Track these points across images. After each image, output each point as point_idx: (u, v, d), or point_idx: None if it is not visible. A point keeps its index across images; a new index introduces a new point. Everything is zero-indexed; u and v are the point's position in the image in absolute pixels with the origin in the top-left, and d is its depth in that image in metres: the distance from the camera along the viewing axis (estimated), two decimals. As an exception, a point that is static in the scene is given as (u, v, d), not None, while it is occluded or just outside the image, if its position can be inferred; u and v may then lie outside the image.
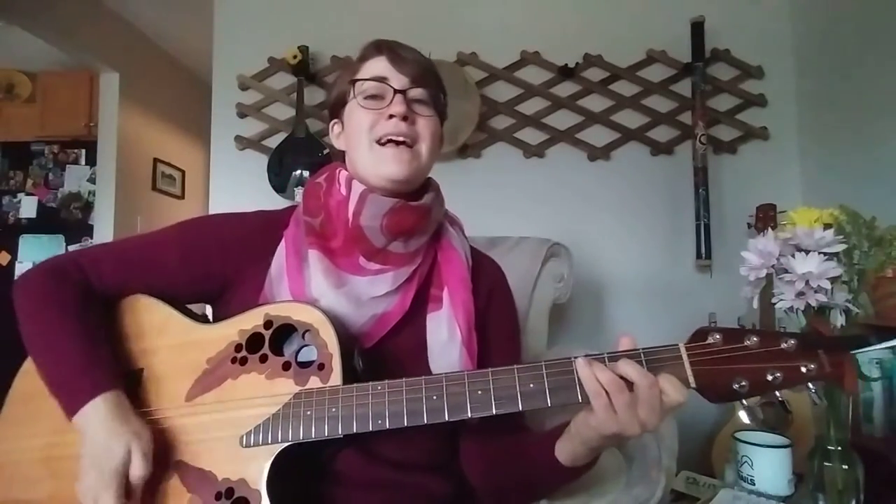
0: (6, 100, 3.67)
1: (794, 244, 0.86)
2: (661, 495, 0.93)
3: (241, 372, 0.73)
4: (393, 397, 0.67)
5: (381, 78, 0.79)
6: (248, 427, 0.70)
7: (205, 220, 0.89)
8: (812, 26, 2.04)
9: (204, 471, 0.70)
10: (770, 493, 1.01)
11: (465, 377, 0.66)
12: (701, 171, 1.94)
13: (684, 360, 0.60)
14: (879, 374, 1.29)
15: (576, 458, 0.71)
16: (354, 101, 0.81)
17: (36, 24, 2.83)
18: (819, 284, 0.82)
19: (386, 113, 0.78)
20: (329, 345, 0.70)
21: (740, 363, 0.58)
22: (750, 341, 0.58)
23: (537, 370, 0.64)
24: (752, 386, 0.58)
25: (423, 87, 0.81)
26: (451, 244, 0.87)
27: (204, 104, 2.51)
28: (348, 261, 0.79)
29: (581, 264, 1.65)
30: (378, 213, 0.78)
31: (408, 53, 0.82)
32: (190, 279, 0.82)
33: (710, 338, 0.60)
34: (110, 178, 3.39)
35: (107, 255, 0.82)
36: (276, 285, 0.79)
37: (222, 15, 2.34)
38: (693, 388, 0.60)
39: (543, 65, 2.16)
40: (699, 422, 1.85)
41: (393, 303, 0.79)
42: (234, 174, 2.26)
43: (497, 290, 0.90)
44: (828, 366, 0.56)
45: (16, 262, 3.43)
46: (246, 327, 0.74)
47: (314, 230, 0.81)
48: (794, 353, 0.57)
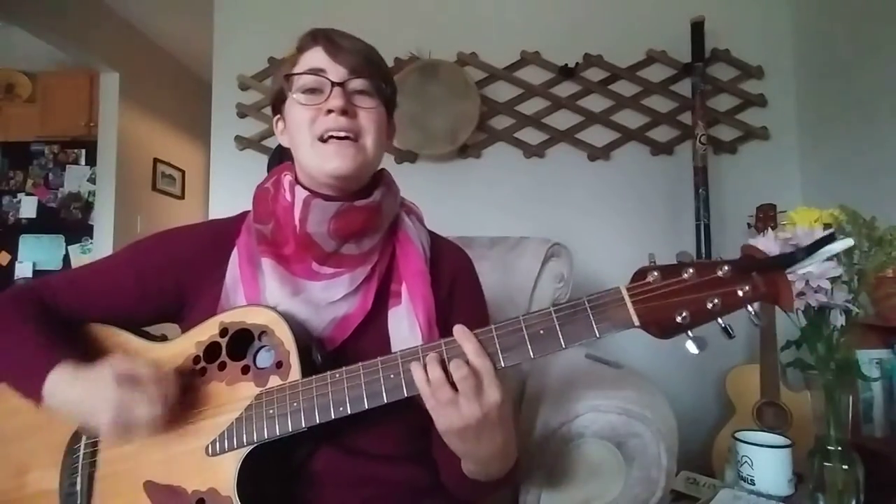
0: (6, 100, 3.67)
1: (794, 244, 0.86)
2: (661, 495, 0.93)
3: (201, 383, 0.73)
4: (351, 382, 0.66)
5: (317, 70, 0.76)
6: (212, 436, 0.69)
7: (155, 238, 0.87)
8: (812, 26, 2.04)
9: (173, 486, 0.70)
10: (770, 493, 1.01)
11: (420, 350, 0.66)
12: (701, 171, 1.94)
13: (626, 301, 0.60)
14: (879, 374, 1.29)
15: (471, 472, 0.72)
16: (292, 96, 0.78)
17: (36, 24, 2.83)
18: (819, 284, 0.83)
19: (324, 108, 0.75)
20: (285, 342, 0.70)
21: (680, 296, 0.58)
22: (687, 273, 0.59)
23: (488, 332, 0.64)
24: (694, 316, 0.58)
25: (364, 78, 0.77)
26: (407, 237, 0.85)
27: (204, 104, 2.51)
28: (302, 267, 0.78)
29: (581, 264, 1.65)
30: (324, 218, 0.76)
31: (346, 42, 0.78)
32: (146, 300, 0.82)
33: (649, 276, 0.60)
34: (110, 178, 3.40)
35: (64, 285, 0.83)
36: (233, 295, 0.78)
37: (222, 15, 2.34)
38: (638, 327, 0.60)
39: (543, 65, 2.17)
40: (699, 422, 1.85)
41: (354, 305, 0.78)
42: (234, 174, 2.26)
43: (460, 277, 0.88)
44: (762, 286, 0.57)
45: (16, 262, 3.43)
46: (202, 338, 0.74)
47: (265, 237, 0.80)
48: (730, 278, 0.57)
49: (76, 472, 0.75)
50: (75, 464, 0.75)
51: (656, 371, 1.40)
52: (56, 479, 0.75)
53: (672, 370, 1.90)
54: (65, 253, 3.45)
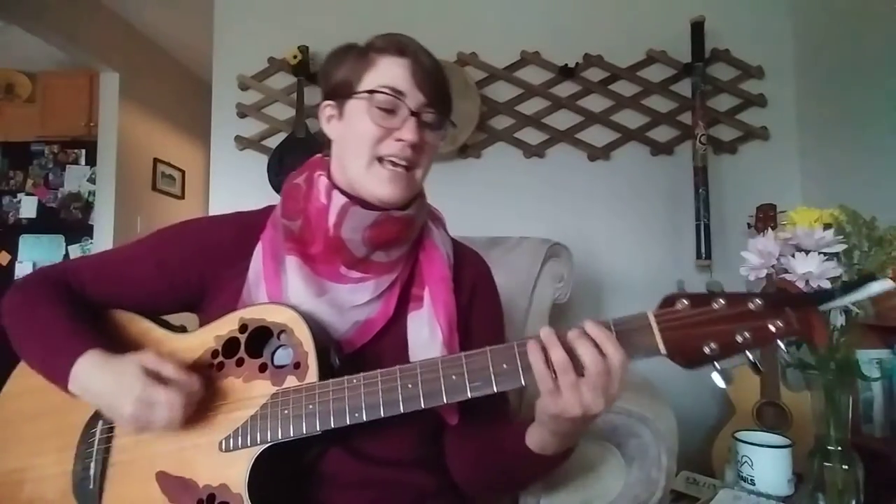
0: (6, 100, 3.68)
1: (794, 244, 0.86)
2: (661, 495, 0.93)
3: (218, 378, 0.73)
4: (368, 389, 0.66)
5: (397, 93, 0.74)
6: (227, 431, 0.70)
7: (180, 227, 0.87)
8: (812, 26, 2.04)
9: (184, 479, 0.70)
10: (770, 493, 1.01)
11: (439, 363, 0.66)
12: (701, 171, 1.94)
13: (653, 328, 0.60)
14: (879, 374, 1.29)
15: (544, 445, 0.69)
16: (363, 101, 0.76)
17: (36, 24, 2.83)
18: (819, 284, 0.82)
19: (396, 135, 0.75)
20: (304, 343, 0.70)
21: (709, 326, 0.58)
22: (717, 304, 0.58)
23: (510, 350, 0.64)
24: (723, 348, 0.57)
25: (437, 112, 0.77)
26: (433, 243, 0.85)
27: (204, 104, 2.51)
28: (329, 268, 0.78)
29: (581, 264, 1.65)
30: (360, 225, 0.76)
31: (428, 62, 0.77)
32: (169, 289, 0.82)
33: (678, 303, 0.59)
34: (110, 178, 3.40)
35: (87, 270, 0.83)
36: (255, 290, 0.78)
37: (222, 15, 2.34)
38: (664, 355, 0.60)
39: (543, 65, 2.16)
40: (699, 422, 1.85)
41: (376, 309, 0.78)
42: (234, 174, 2.26)
43: (481, 284, 0.89)
44: (795, 322, 0.56)
45: (16, 262, 3.43)
46: (221, 333, 0.74)
47: (293, 234, 0.80)
48: (762, 311, 0.57)
49: (90, 457, 0.75)
50: (90, 448, 0.76)
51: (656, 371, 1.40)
52: (70, 462, 0.76)
53: (672, 370, 1.90)
54: (65, 253, 3.45)
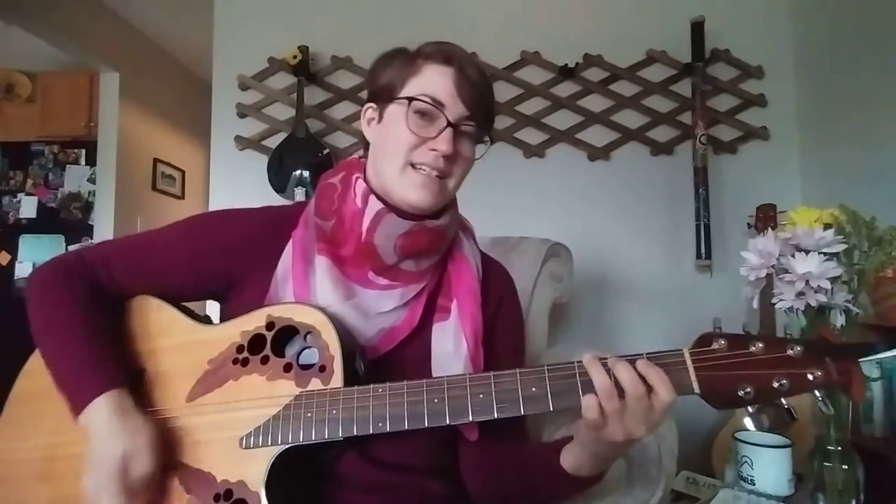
0: (6, 100, 3.67)
1: (794, 244, 0.86)
2: (661, 495, 0.93)
3: (242, 373, 0.73)
4: (394, 400, 0.66)
5: (437, 103, 0.75)
6: (248, 428, 0.69)
7: (211, 217, 0.88)
8: (812, 26, 2.04)
9: (203, 472, 0.70)
10: (770, 493, 1.01)
11: (468, 380, 0.66)
12: (701, 171, 1.94)
13: (688, 366, 0.59)
14: (879, 374, 1.29)
15: (579, 465, 0.69)
16: (403, 107, 0.76)
17: (36, 24, 2.83)
18: (819, 284, 0.82)
19: (431, 144, 0.75)
20: (331, 347, 0.70)
21: (745, 369, 0.57)
22: (755, 347, 0.57)
23: (540, 374, 0.63)
24: (758, 393, 0.57)
25: (476, 125, 0.78)
26: (462, 255, 0.85)
27: (204, 104, 2.50)
28: (358, 272, 0.78)
29: (581, 264, 1.65)
30: (393, 233, 0.76)
31: (475, 75, 0.77)
32: (196, 279, 0.82)
33: (715, 343, 0.59)
34: (110, 178, 3.39)
35: (115, 255, 0.82)
36: (282, 288, 0.78)
37: (222, 15, 2.34)
38: (697, 394, 0.59)
39: (543, 65, 2.16)
40: (699, 422, 1.85)
41: (401, 318, 0.79)
42: (234, 174, 2.26)
43: (506, 298, 0.89)
44: (835, 373, 0.55)
45: (16, 262, 3.43)
46: (248, 328, 0.74)
47: (324, 234, 0.80)
48: (801, 359, 0.56)
49: None
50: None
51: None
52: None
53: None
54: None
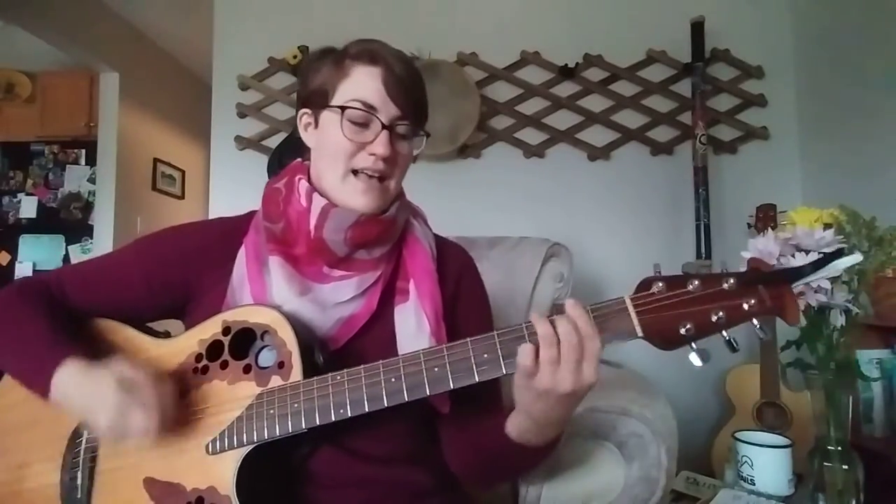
0: (6, 100, 3.67)
1: (794, 244, 0.86)
2: (661, 495, 0.93)
3: (203, 381, 0.73)
4: (352, 385, 0.67)
5: (369, 107, 0.75)
6: (212, 434, 0.70)
7: (162, 233, 0.88)
8: (812, 26, 2.04)
9: (172, 483, 0.70)
10: (770, 493, 1.01)
11: (421, 356, 0.66)
12: (701, 171, 1.94)
13: (630, 311, 0.60)
14: (879, 374, 1.29)
15: (521, 432, 0.69)
16: (336, 114, 0.76)
17: (36, 24, 2.83)
18: (819, 284, 0.82)
19: (368, 149, 0.76)
20: (288, 343, 0.70)
21: (685, 307, 0.58)
22: (692, 285, 0.59)
23: (490, 339, 0.64)
24: (698, 328, 0.58)
25: (410, 123, 0.78)
26: (415, 237, 0.86)
27: (204, 104, 2.51)
28: (312, 269, 0.79)
29: (581, 264, 1.65)
30: (341, 226, 0.76)
31: (402, 71, 0.77)
32: (152, 295, 0.82)
33: (654, 286, 0.60)
34: (110, 178, 3.39)
35: (72, 280, 0.83)
36: (239, 293, 0.79)
37: (222, 15, 2.34)
38: (641, 338, 0.60)
39: (543, 65, 2.16)
40: (699, 422, 1.85)
41: (359, 305, 0.79)
42: (234, 174, 2.26)
43: (465, 275, 0.89)
44: (768, 300, 0.57)
45: (16, 262, 3.43)
46: (205, 336, 0.74)
47: (275, 236, 0.80)
48: (736, 291, 0.57)
49: (77, 467, 0.75)
50: (76, 458, 0.76)
51: (656, 371, 1.40)
52: (57, 473, 0.76)
53: (672, 370, 1.90)
54: (65, 253, 3.45)
